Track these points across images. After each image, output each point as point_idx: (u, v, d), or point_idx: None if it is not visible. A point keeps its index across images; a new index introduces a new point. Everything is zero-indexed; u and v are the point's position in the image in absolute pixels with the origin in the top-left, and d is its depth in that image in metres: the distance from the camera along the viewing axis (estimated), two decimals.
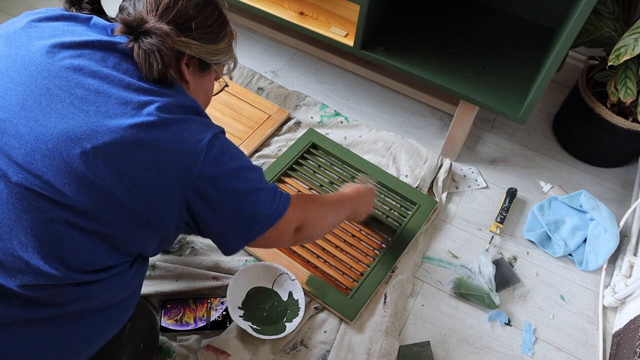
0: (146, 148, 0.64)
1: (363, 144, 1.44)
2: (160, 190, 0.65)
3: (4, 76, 0.65)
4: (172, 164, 0.65)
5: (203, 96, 0.83)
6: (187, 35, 0.72)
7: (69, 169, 0.62)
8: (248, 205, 0.73)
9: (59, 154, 0.62)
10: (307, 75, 1.64)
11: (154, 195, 0.65)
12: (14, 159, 0.62)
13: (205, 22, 0.74)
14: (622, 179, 1.47)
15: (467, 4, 1.52)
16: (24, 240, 0.62)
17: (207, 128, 0.70)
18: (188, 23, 0.72)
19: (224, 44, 0.79)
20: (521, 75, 1.33)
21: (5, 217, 0.62)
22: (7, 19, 1.66)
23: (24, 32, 0.69)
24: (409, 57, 1.33)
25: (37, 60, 0.66)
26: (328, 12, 1.40)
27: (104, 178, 0.62)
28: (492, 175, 1.44)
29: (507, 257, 1.27)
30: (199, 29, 0.73)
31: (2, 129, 0.63)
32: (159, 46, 0.66)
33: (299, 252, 1.19)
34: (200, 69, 0.78)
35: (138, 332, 0.89)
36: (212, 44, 0.76)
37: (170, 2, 0.71)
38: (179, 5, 0.71)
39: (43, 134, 0.62)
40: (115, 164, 0.63)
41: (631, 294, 1.14)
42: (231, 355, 1.03)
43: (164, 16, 0.70)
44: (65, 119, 0.63)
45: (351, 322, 1.10)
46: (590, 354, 1.13)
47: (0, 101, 0.64)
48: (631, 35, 1.14)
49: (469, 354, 1.11)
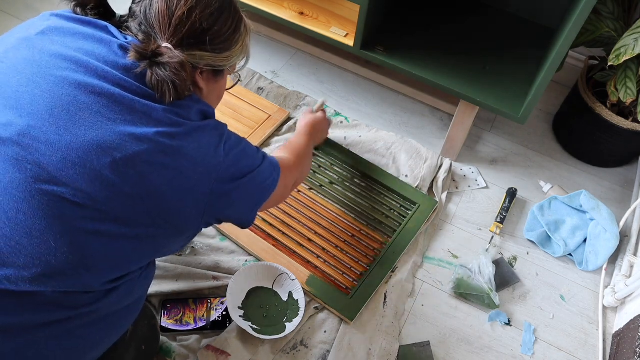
0: (171, 156, 0.66)
1: (363, 144, 1.44)
2: (186, 194, 0.68)
3: (30, 82, 0.65)
4: (195, 169, 0.68)
5: (216, 98, 0.84)
6: (202, 49, 0.71)
7: (100, 177, 0.63)
8: (256, 185, 0.80)
9: (90, 162, 0.62)
10: (307, 75, 1.64)
11: (179, 199, 0.68)
12: (45, 167, 0.62)
13: (220, 31, 0.73)
14: (622, 179, 1.47)
15: (467, 4, 1.52)
16: (53, 245, 0.62)
17: (217, 130, 0.73)
18: (203, 37, 0.71)
19: (238, 46, 0.78)
20: (521, 75, 1.33)
21: (37, 223, 0.62)
22: (7, 19, 1.67)
23: (45, 36, 0.69)
24: (409, 57, 1.33)
25: (61, 66, 0.66)
26: (328, 12, 1.40)
27: (133, 186, 0.64)
28: (492, 175, 1.44)
29: (507, 257, 1.27)
30: (214, 40, 0.72)
31: (32, 136, 0.63)
32: (172, 78, 0.66)
33: (299, 252, 1.19)
34: (214, 74, 0.78)
35: (140, 333, 0.89)
36: (226, 51, 0.75)
37: (184, 15, 0.69)
38: (193, 19, 0.69)
39: (74, 142, 0.62)
40: (144, 172, 0.65)
41: (631, 294, 1.14)
42: (231, 355, 1.03)
43: (177, 32, 0.69)
44: (94, 127, 0.64)
45: (351, 322, 1.10)
46: (590, 354, 1.13)
47: (29, 108, 0.64)
48: (631, 35, 1.14)
49: (469, 354, 1.11)
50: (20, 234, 0.61)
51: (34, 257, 0.62)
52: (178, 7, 0.69)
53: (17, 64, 0.66)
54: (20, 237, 0.61)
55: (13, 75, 0.65)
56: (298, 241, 1.21)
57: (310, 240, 1.21)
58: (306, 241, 1.21)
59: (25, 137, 0.62)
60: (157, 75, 0.66)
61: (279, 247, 1.19)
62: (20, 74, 0.65)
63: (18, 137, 0.62)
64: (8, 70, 0.66)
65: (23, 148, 0.62)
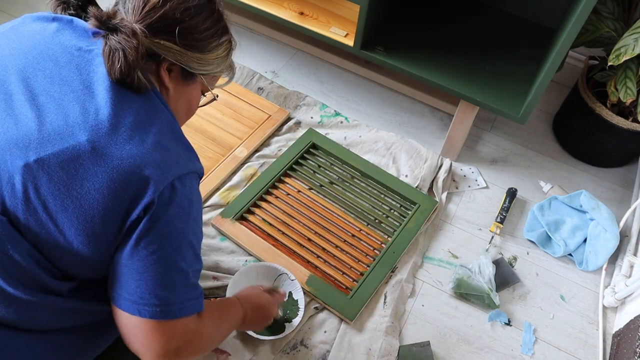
0: (99, 165, 0.60)
1: (363, 144, 1.44)
2: (105, 215, 0.61)
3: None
4: (124, 189, 0.61)
5: (185, 105, 0.77)
6: (168, 39, 0.67)
7: (10, 181, 0.60)
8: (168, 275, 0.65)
9: (4, 162, 0.60)
10: (307, 75, 1.64)
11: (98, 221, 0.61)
12: None
13: (194, 28, 0.69)
14: (622, 179, 1.47)
15: (467, 4, 1.52)
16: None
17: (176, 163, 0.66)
18: (171, 27, 0.67)
19: (215, 55, 0.74)
20: (521, 75, 1.33)
21: None
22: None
23: (4, 36, 0.69)
24: (409, 57, 1.33)
25: (8, 64, 0.66)
26: (328, 12, 1.40)
27: (44, 194, 0.60)
28: (492, 175, 1.44)
29: (507, 257, 1.27)
30: (185, 35, 0.69)
31: None
32: (123, 44, 0.62)
33: (298, 252, 1.19)
34: (184, 77, 0.73)
35: None
36: (198, 52, 0.71)
37: (158, 3, 0.66)
38: (167, 8, 0.67)
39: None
40: (60, 178, 0.60)
41: (631, 294, 1.14)
42: (231, 355, 1.03)
43: (147, 17, 0.66)
44: (19, 124, 0.61)
45: (351, 322, 1.10)
46: (590, 354, 1.13)
47: None
48: (631, 35, 1.14)
49: (469, 354, 1.11)
50: None
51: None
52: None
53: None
54: None
55: None
56: (298, 241, 1.21)
57: (310, 240, 1.21)
58: (306, 241, 1.21)
59: None
60: (109, 42, 0.62)
61: (279, 247, 1.19)
62: None
63: None
64: None
65: None
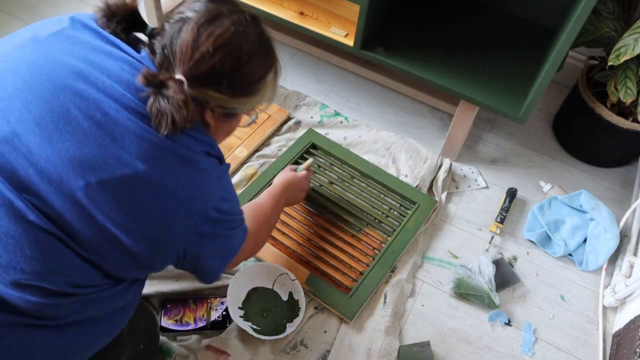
0: (157, 189, 0.64)
1: (363, 144, 1.44)
2: (165, 234, 0.66)
3: (26, 87, 0.63)
4: (182, 210, 0.66)
5: (225, 134, 0.80)
6: (217, 90, 0.67)
7: (72, 198, 0.61)
8: (228, 244, 0.78)
9: (67, 180, 0.60)
10: (307, 75, 1.64)
11: (157, 238, 0.66)
12: (21, 176, 0.60)
13: (242, 77, 0.69)
14: (622, 179, 1.47)
15: (467, 4, 1.52)
16: (28, 253, 0.61)
17: (215, 171, 0.71)
18: (220, 78, 0.66)
19: (260, 94, 0.73)
20: (521, 75, 1.33)
21: (11, 229, 0.60)
22: (8, 19, 1.67)
23: (55, 41, 0.67)
24: (409, 57, 1.32)
25: (63, 74, 0.64)
26: (328, 12, 1.40)
27: (107, 213, 0.62)
28: (492, 175, 1.44)
29: (507, 257, 1.27)
30: (234, 85, 0.68)
31: (14, 145, 0.60)
32: (172, 112, 0.62)
33: (298, 252, 1.19)
34: (226, 116, 0.74)
35: (137, 332, 0.89)
36: (245, 97, 0.71)
37: (207, 53, 0.65)
38: (216, 60, 0.65)
39: (53, 156, 0.61)
40: (121, 199, 0.62)
41: (631, 294, 1.14)
42: (231, 355, 1.03)
43: (195, 68, 0.65)
44: (79, 145, 0.61)
45: (350, 322, 1.10)
46: (590, 354, 1.13)
47: (18, 114, 0.62)
48: (631, 35, 1.14)
49: (469, 354, 1.11)
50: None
51: (9, 266, 0.60)
52: (205, 43, 0.65)
53: (18, 66, 0.64)
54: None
55: (11, 77, 0.64)
56: (297, 240, 1.21)
57: (310, 239, 1.21)
58: (305, 241, 1.21)
59: (7, 144, 0.61)
60: (158, 105, 0.63)
61: (278, 247, 1.19)
62: (18, 77, 0.64)
63: (1, 142, 0.61)
64: (7, 72, 0.64)
65: (1, 155, 0.60)
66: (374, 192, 1.32)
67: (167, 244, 0.68)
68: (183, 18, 0.67)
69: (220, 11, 0.68)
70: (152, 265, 0.71)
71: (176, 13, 0.69)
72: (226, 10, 0.69)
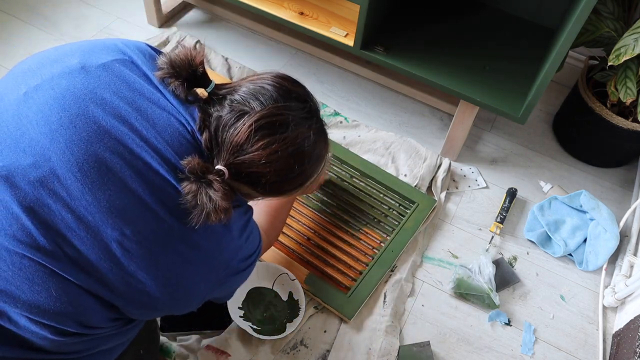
0: (189, 247, 0.64)
1: (362, 144, 1.44)
2: (190, 288, 0.67)
3: (71, 125, 0.60)
4: (207, 262, 0.67)
5: None
6: (254, 189, 0.67)
7: (107, 249, 0.60)
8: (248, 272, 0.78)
9: (104, 230, 0.60)
10: (307, 75, 1.64)
11: (182, 292, 0.66)
12: (55, 223, 0.59)
13: (279, 183, 0.67)
14: (622, 179, 1.47)
15: (467, 4, 1.52)
16: (54, 295, 0.61)
17: (241, 231, 0.71)
18: (259, 180, 0.65)
19: (295, 193, 0.73)
20: (521, 75, 1.33)
21: (40, 270, 0.59)
22: (8, 19, 1.67)
23: (107, 74, 0.64)
24: (409, 57, 1.32)
25: (108, 116, 0.62)
26: (328, 12, 1.40)
27: (138, 265, 0.61)
28: (492, 175, 1.44)
29: (507, 257, 1.27)
30: (270, 190, 0.68)
31: (53, 187, 0.59)
32: (209, 210, 0.61)
33: (297, 251, 1.19)
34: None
35: (138, 337, 0.89)
36: (277, 195, 0.71)
37: (254, 160, 0.63)
38: (260, 167, 0.64)
39: (93, 205, 0.59)
40: (153, 251, 0.62)
41: (631, 294, 1.14)
42: (231, 355, 1.03)
43: (238, 167, 0.63)
44: (119, 194, 0.60)
45: (349, 321, 1.10)
46: (590, 354, 1.13)
47: (61, 154, 0.59)
48: (631, 35, 1.14)
49: (469, 354, 1.11)
50: (22, 279, 0.59)
51: (32, 303, 0.60)
52: (258, 151, 0.63)
53: (65, 98, 0.62)
54: (21, 282, 0.59)
55: (57, 111, 0.61)
56: (297, 240, 1.21)
57: (309, 239, 1.21)
58: (305, 240, 1.21)
59: (44, 188, 0.59)
60: (197, 199, 0.60)
61: (277, 246, 1.19)
62: (65, 111, 0.61)
63: (38, 184, 0.59)
64: (55, 103, 0.61)
65: (37, 198, 0.59)
66: (373, 191, 1.32)
67: (191, 296, 0.69)
68: (246, 106, 0.64)
69: (286, 118, 0.65)
70: (173, 311, 0.71)
71: (242, 90, 0.66)
72: (293, 115, 0.65)
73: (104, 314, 0.64)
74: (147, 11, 1.70)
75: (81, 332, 0.64)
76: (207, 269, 0.67)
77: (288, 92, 0.68)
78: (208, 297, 0.73)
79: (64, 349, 0.64)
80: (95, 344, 0.67)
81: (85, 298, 0.61)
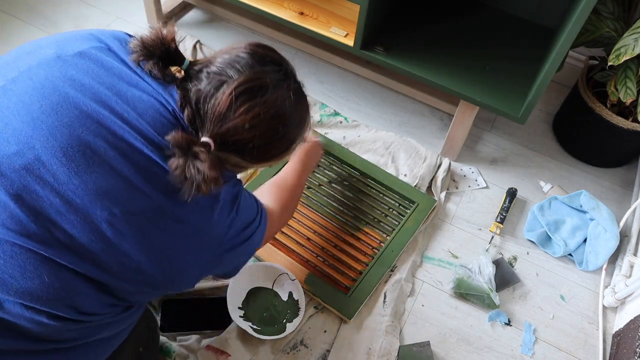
0: (179, 220, 0.64)
1: (362, 144, 1.44)
2: (184, 264, 0.68)
3: (53, 111, 0.61)
4: (200, 241, 0.67)
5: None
6: (241, 157, 0.67)
7: (97, 230, 0.60)
8: (249, 248, 0.80)
9: (93, 211, 0.60)
10: (307, 75, 1.64)
11: (176, 268, 0.67)
12: (44, 208, 0.59)
13: (266, 150, 0.69)
14: (622, 179, 1.47)
15: (467, 4, 1.52)
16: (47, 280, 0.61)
17: (231, 203, 0.71)
18: (245, 148, 0.66)
19: (283, 159, 0.74)
20: (521, 75, 1.33)
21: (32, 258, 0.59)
22: (8, 19, 1.67)
23: (82, 61, 0.65)
24: (409, 57, 1.32)
25: (89, 101, 0.62)
26: (328, 12, 1.40)
27: (130, 244, 0.62)
28: (492, 175, 1.44)
29: (507, 257, 1.27)
30: (258, 157, 0.69)
31: (39, 173, 0.59)
32: (199, 182, 0.61)
33: (297, 251, 1.19)
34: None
35: (137, 335, 0.89)
36: (263, 162, 0.72)
37: (238, 128, 0.64)
38: (245, 134, 0.64)
39: (80, 188, 0.60)
40: (145, 229, 0.62)
41: (631, 294, 1.14)
42: (231, 355, 1.03)
43: (223, 137, 0.64)
44: (106, 176, 0.60)
45: (349, 321, 1.10)
46: (590, 354, 1.13)
47: (44, 141, 0.59)
48: (631, 35, 1.14)
49: (469, 354, 1.11)
50: (14, 266, 0.59)
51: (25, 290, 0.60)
52: (241, 116, 0.64)
53: (44, 87, 0.62)
54: (13, 270, 0.59)
55: (38, 99, 0.61)
56: (297, 240, 1.21)
57: (309, 239, 1.21)
58: (305, 240, 1.21)
59: (30, 174, 0.59)
60: (186, 172, 0.61)
61: (278, 246, 1.19)
62: (45, 99, 0.61)
63: (24, 171, 0.59)
64: (34, 92, 0.62)
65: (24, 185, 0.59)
66: (373, 191, 1.32)
67: (187, 272, 0.70)
68: (223, 75, 0.65)
69: (264, 81, 0.66)
70: (170, 289, 0.71)
71: (218, 61, 0.67)
72: (270, 77, 0.67)
73: (99, 299, 0.64)
74: (147, 11, 1.70)
75: (76, 319, 0.64)
76: (199, 244, 0.68)
77: (263, 57, 0.69)
78: (207, 274, 0.74)
79: (60, 337, 0.64)
80: (91, 331, 0.67)
81: (78, 282, 0.62)
